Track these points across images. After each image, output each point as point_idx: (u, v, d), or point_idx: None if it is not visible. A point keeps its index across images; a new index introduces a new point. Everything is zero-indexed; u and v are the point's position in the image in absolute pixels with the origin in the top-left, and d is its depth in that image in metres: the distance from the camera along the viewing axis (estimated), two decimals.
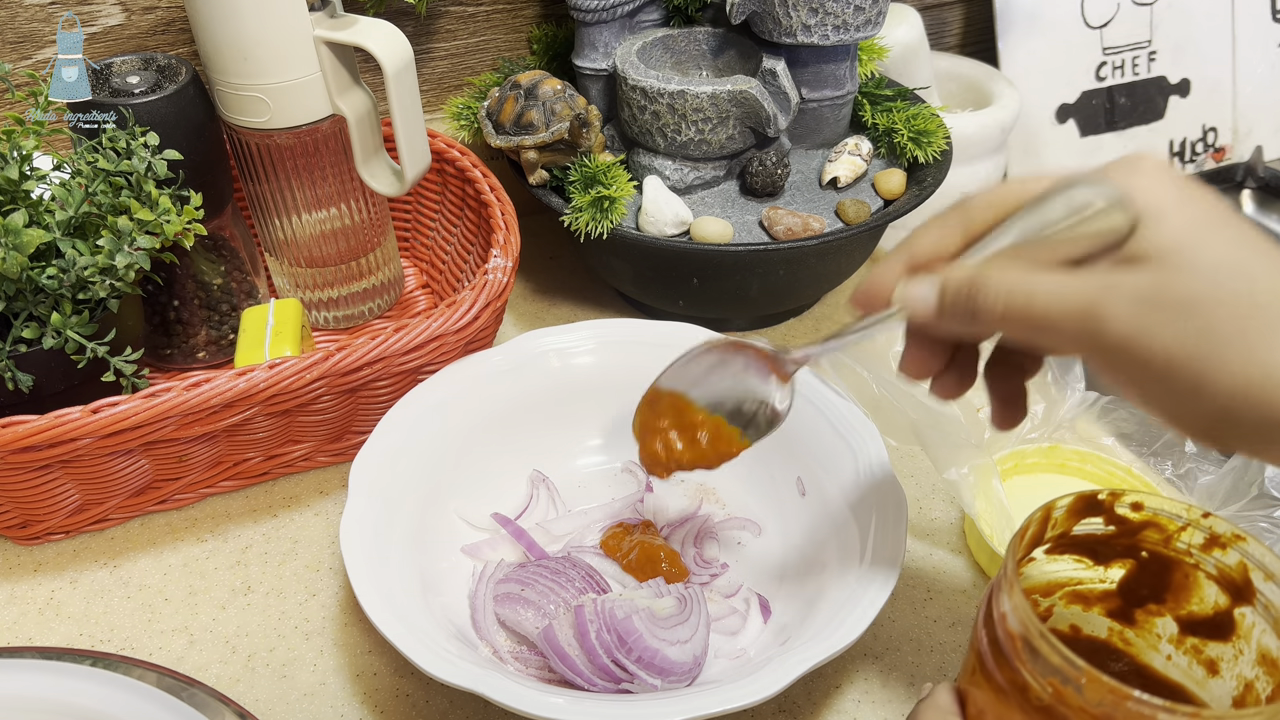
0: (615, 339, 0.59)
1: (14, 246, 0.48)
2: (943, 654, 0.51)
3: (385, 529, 0.48)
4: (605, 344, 0.59)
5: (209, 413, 0.51)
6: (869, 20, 0.65)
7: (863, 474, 0.51)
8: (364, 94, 0.62)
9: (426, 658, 0.41)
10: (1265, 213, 1.04)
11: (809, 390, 0.55)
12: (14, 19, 0.66)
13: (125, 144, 0.53)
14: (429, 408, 0.54)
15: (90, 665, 0.45)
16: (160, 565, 0.56)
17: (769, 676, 0.41)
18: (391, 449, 0.52)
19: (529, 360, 0.58)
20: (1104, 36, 0.96)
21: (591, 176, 0.64)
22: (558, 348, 0.59)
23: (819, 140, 0.72)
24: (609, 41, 0.69)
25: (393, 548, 0.48)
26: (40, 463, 0.50)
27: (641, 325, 0.60)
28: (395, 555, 0.48)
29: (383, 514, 0.49)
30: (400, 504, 0.50)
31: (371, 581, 0.45)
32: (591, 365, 0.59)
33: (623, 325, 0.60)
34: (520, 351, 0.58)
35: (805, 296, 0.74)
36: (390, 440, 0.52)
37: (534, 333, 0.59)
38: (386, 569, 0.46)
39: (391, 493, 0.50)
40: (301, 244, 0.67)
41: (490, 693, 0.40)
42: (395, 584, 0.46)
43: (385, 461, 0.51)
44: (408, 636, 0.42)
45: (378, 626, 0.42)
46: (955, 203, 0.36)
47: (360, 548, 0.46)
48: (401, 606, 0.44)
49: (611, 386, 0.58)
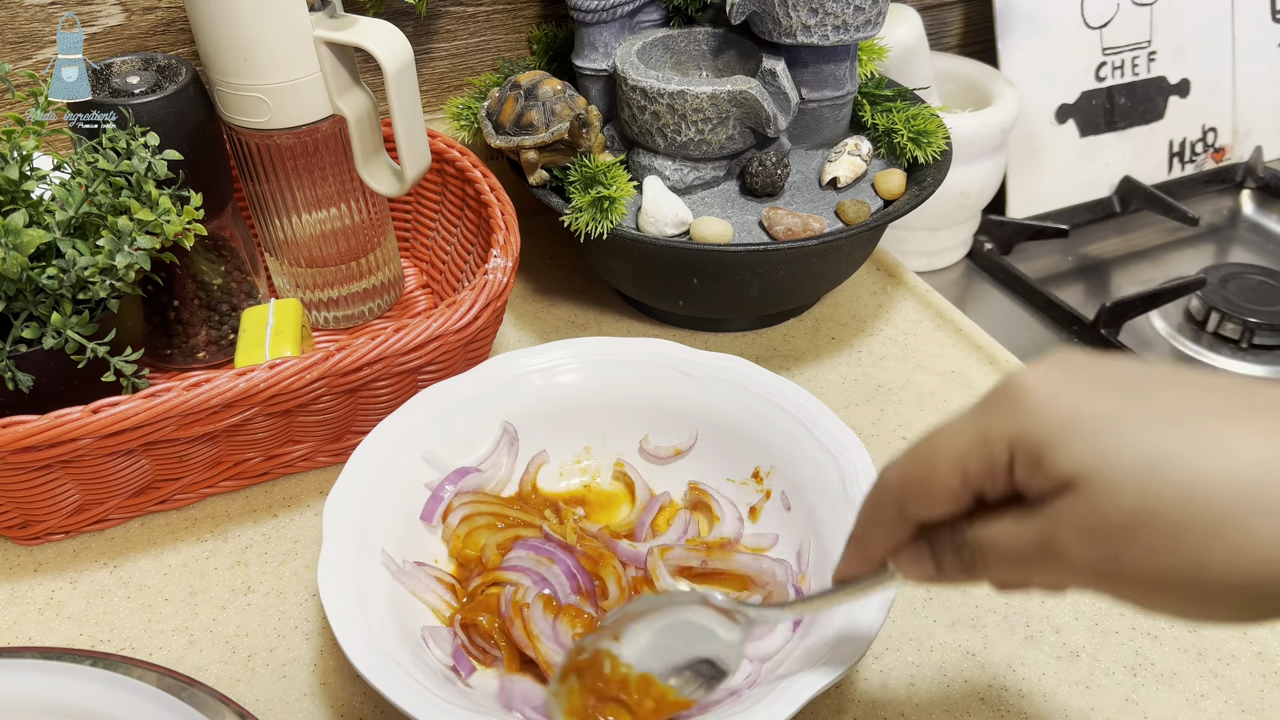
0: (591, 358, 0.58)
1: (14, 246, 0.48)
2: (943, 654, 0.51)
3: (363, 572, 0.47)
4: (585, 363, 0.58)
5: (209, 413, 0.51)
6: (869, 20, 0.65)
7: (849, 486, 0.50)
8: (364, 94, 0.62)
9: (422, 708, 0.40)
10: (1265, 213, 1.04)
11: (789, 403, 0.54)
12: (14, 19, 0.66)
13: (125, 144, 0.53)
14: (401, 437, 0.53)
15: (90, 665, 0.45)
16: (160, 565, 0.56)
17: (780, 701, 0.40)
18: (363, 488, 0.50)
19: (502, 384, 0.56)
20: (1104, 37, 0.96)
21: (591, 176, 0.64)
22: (534, 369, 0.57)
23: (819, 140, 0.72)
24: (609, 42, 0.69)
25: (372, 588, 0.46)
26: (40, 463, 0.50)
27: (618, 344, 0.58)
28: (376, 597, 0.46)
29: (359, 556, 0.47)
30: (375, 543, 0.48)
31: (355, 629, 0.43)
32: (573, 384, 0.57)
33: (598, 344, 0.58)
34: (493, 375, 0.56)
35: (805, 296, 0.74)
36: (361, 478, 0.50)
37: (504, 355, 0.57)
38: (367, 612, 0.44)
39: (366, 532, 0.48)
40: (301, 244, 0.67)
41: None
42: (378, 629, 0.44)
43: (359, 500, 0.49)
44: (399, 687, 0.41)
45: (368, 679, 0.41)
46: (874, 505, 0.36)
47: (340, 594, 0.44)
48: (388, 652, 0.43)
49: (591, 406, 0.57)
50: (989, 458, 0.30)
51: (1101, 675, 0.50)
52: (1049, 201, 0.97)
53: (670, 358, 0.57)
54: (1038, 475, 0.29)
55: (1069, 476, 0.28)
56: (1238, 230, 1.03)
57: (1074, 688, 0.50)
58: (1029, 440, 0.29)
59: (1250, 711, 0.49)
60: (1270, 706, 0.49)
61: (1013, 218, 0.95)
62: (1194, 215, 0.95)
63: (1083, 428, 0.28)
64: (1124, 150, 1.00)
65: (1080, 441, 0.28)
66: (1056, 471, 0.29)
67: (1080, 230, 0.97)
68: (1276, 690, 0.50)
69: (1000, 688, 0.50)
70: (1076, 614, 0.53)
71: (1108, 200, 1.00)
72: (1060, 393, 0.29)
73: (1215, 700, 0.49)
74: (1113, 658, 0.51)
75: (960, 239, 0.91)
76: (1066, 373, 0.30)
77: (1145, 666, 0.51)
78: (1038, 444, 0.29)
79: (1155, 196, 0.97)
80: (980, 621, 0.53)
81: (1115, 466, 0.28)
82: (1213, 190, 1.05)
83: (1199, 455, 0.27)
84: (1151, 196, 0.98)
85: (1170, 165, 1.03)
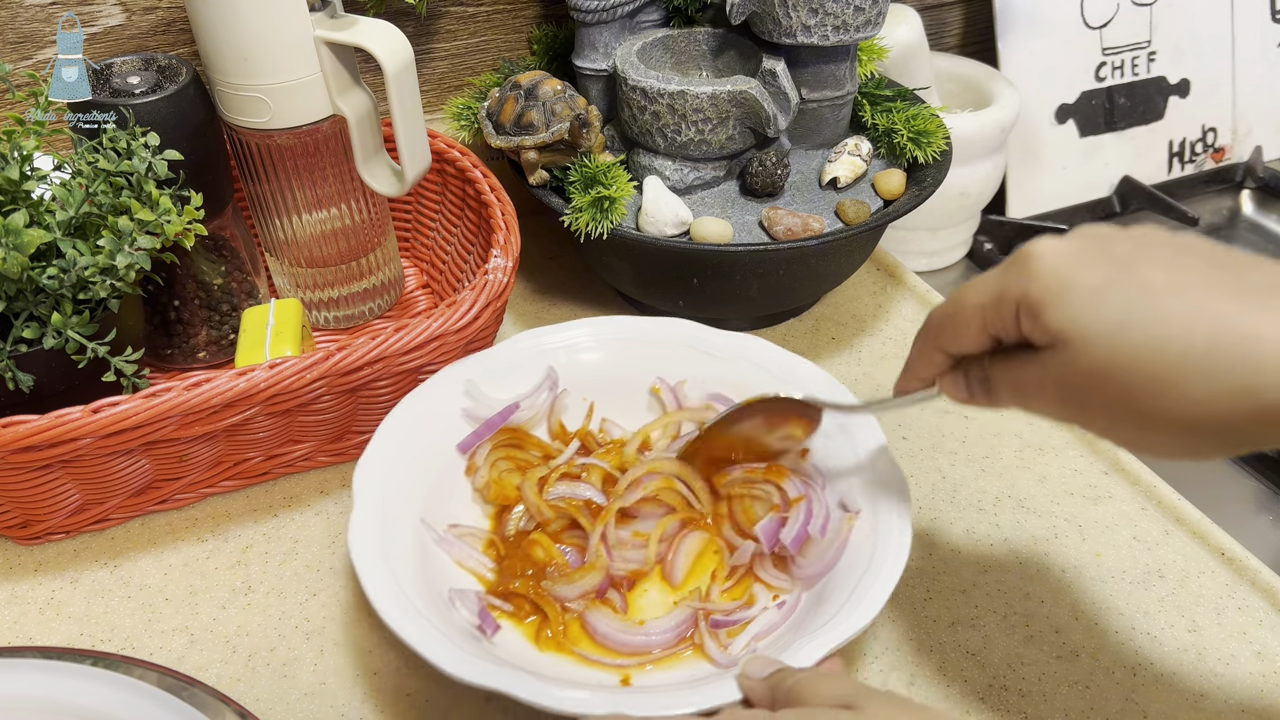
0: (613, 336, 0.60)
1: (15, 246, 0.48)
2: (943, 654, 0.51)
3: (391, 536, 0.48)
4: (604, 341, 0.60)
5: (209, 413, 0.51)
6: (869, 21, 0.65)
7: (863, 460, 0.52)
8: (364, 94, 0.62)
9: (448, 659, 0.42)
10: (1265, 213, 1.04)
11: (808, 383, 0.56)
12: (14, 19, 0.66)
13: (126, 144, 0.53)
14: (427, 410, 0.54)
15: (91, 665, 0.45)
16: (161, 565, 0.56)
17: (792, 659, 0.42)
18: (391, 454, 0.52)
19: (527, 359, 0.58)
20: (1103, 37, 0.96)
21: (591, 177, 0.64)
22: (557, 345, 0.59)
23: (819, 140, 0.72)
24: (609, 42, 0.69)
25: (399, 551, 0.48)
26: (41, 463, 0.50)
27: (637, 322, 0.60)
28: (403, 558, 0.48)
29: (386, 522, 0.49)
30: (404, 511, 0.50)
31: (384, 586, 0.45)
32: (595, 362, 0.59)
33: (620, 322, 0.60)
34: (517, 350, 0.58)
35: (805, 296, 0.74)
36: (390, 445, 0.52)
37: (529, 332, 0.59)
38: (396, 573, 0.46)
39: (394, 501, 0.50)
40: (302, 244, 0.67)
41: (515, 690, 0.41)
42: (408, 588, 0.46)
43: (386, 467, 0.51)
44: (426, 640, 0.42)
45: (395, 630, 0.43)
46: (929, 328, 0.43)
47: (369, 554, 0.46)
48: (416, 609, 0.44)
49: (614, 384, 0.59)
50: (1001, 310, 0.37)
51: (1101, 675, 0.50)
52: (1049, 201, 0.97)
53: (691, 337, 0.59)
54: (1037, 330, 0.36)
55: (1056, 334, 0.35)
56: (1237, 230, 1.03)
57: (1074, 688, 0.50)
58: (1031, 300, 0.35)
59: (1250, 712, 0.49)
60: (1270, 706, 0.49)
61: (1013, 218, 0.95)
62: (1194, 215, 0.96)
63: (1073, 295, 0.34)
64: (1124, 150, 1.00)
65: (1069, 307, 0.34)
66: (1049, 329, 0.35)
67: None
68: (1276, 690, 0.50)
69: (1000, 688, 0.50)
70: (1076, 614, 0.53)
71: (1108, 200, 1.00)
72: (1064, 263, 0.35)
73: (1215, 700, 0.49)
74: (1113, 658, 0.51)
75: (960, 239, 0.91)
76: (1077, 244, 0.35)
77: (1145, 666, 0.51)
78: (1037, 304, 0.35)
79: (1155, 196, 0.97)
80: (980, 621, 0.53)
81: (1089, 329, 0.34)
82: (1212, 190, 1.05)
83: (1158, 325, 0.33)
84: (1151, 196, 0.98)
85: (1170, 165, 1.03)
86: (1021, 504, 0.60)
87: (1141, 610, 0.53)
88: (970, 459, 0.63)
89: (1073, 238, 0.36)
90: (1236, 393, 0.32)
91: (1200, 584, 0.55)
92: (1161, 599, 0.54)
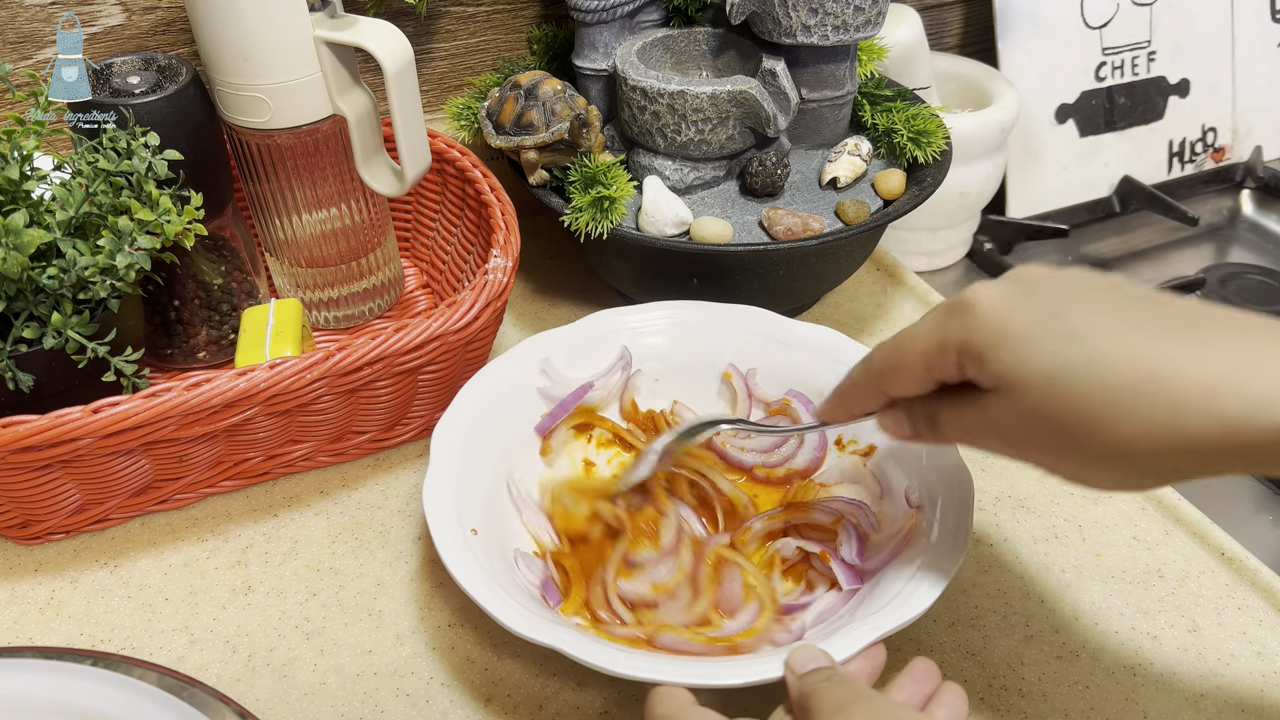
0: (688, 320, 0.61)
1: (14, 246, 0.48)
2: (942, 654, 0.51)
3: (464, 495, 0.51)
4: (678, 324, 0.61)
5: (209, 413, 0.51)
6: (869, 21, 0.65)
7: (926, 457, 0.53)
8: (364, 94, 0.62)
9: (512, 615, 0.43)
10: (1265, 213, 1.04)
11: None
12: (14, 19, 0.66)
13: (126, 144, 0.53)
14: (506, 378, 0.56)
15: (91, 665, 0.45)
16: (161, 565, 0.56)
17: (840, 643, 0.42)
18: (468, 422, 0.54)
19: (602, 338, 0.60)
20: (1103, 37, 0.96)
21: (591, 176, 0.64)
22: (632, 326, 0.60)
23: (819, 140, 0.72)
24: (609, 42, 0.69)
25: (469, 512, 0.50)
26: (41, 463, 0.50)
27: (712, 308, 0.61)
28: (473, 517, 0.50)
29: (461, 481, 0.51)
30: (478, 473, 0.52)
31: (455, 543, 0.47)
32: (668, 345, 0.61)
33: (696, 307, 0.61)
34: (593, 328, 0.60)
35: (805, 296, 0.74)
36: (468, 413, 0.54)
37: (605, 312, 0.61)
38: (465, 531, 0.48)
39: (470, 461, 0.52)
40: (302, 244, 0.67)
41: (570, 649, 0.42)
42: (477, 549, 0.48)
43: (463, 433, 0.53)
44: (493, 598, 0.44)
45: (464, 586, 0.45)
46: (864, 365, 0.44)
47: (441, 509, 0.48)
48: (487, 570, 0.46)
49: (686, 368, 0.60)
50: (944, 357, 0.38)
51: (1101, 675, 0.50)
52: (1049, 201, 0.97)
53: (766, 325, 0.60)
54: (982, 375, 0.37)
55: (998, 380, 0.37)
56: (1237, 230, 1.03)
57: (1074, 688, 0.50)
58: (972, 349, 0.37)
59: (1250, 711, 0.49)
60: (1270, 706, 0.49)
61: (1012, 218, 0.95)
62: (1194, 215, 0.95)
63: (1008, 342, 0.36)
64: (1124, 150, 1.00)
65: (1006, 354, 0.36)
66: (991, 375, 0.37)
67: (1080, 230, 0.97)
68: (1276, 690, 0.50)
69: (1000, 688, 0.50)
70: (1076, 614, 0.53)
71: (1107, 200, 1.00)
72: (998, 309, 0.37)
73: (1215, 700, 0.49)
74: (1113, 658, 0.51)
75: (960, 239, 0.91)
76: (1008, 290, 0.37)
77: (1145, 666, 0.51)
78: (978, 352, 0.37)
79: (1155, 196, 0.97)
80: (980, 621, 0.53)
81: (1024, 376, 0.36)
82: (1212, 190, 1.05)
83: (1088, 368, 0.34)
84: (1151, 196, 0.98)
85: (1170, 165, 1.03)
86: (1021, 504, 0.60)
87: (1141, 610, 0.53)
88: (970, 459, 0.62)
89: (1004, 282, 0.38)
90: (1163, 427, 0.33)
91: (1200, 584, 0.55)
92: (1161, 599, 0.54)
